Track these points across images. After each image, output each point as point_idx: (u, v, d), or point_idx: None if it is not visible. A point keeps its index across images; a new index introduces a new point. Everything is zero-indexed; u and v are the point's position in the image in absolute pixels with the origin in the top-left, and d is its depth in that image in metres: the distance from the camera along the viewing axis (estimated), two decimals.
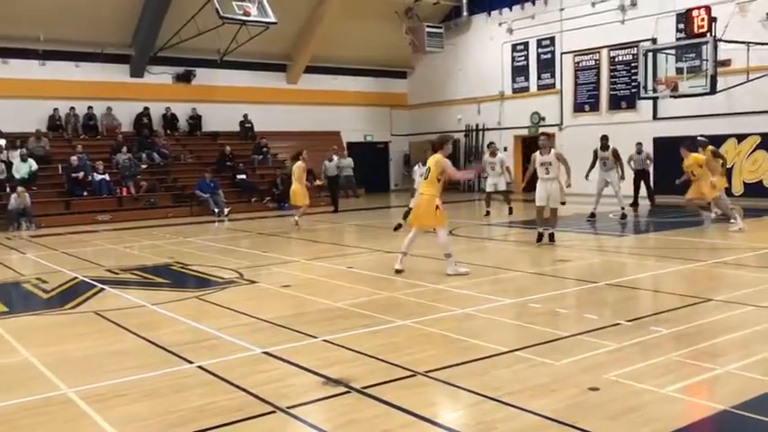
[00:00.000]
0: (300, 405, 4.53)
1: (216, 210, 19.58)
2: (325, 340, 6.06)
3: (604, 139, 15.37)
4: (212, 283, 9.17)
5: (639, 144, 18.24)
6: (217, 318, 7.14)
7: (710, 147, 13.66)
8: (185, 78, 23.86)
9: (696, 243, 11.90)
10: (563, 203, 11.95)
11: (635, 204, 17.84)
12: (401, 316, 6.82)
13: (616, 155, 15.09)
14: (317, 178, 18.99)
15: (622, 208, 14.98)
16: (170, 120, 23.65)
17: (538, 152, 11.75)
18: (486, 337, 6.02)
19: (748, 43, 16.13)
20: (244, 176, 21.99)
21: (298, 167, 16.06)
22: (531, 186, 12.33)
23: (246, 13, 20.63)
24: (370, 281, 8.96)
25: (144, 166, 21.30)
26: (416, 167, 15.53)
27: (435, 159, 9.08)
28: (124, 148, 20.82)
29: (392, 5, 25.28)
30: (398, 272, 9.17)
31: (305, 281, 9.13)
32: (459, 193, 24.86)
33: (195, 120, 24.07)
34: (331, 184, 20.79)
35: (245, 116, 24.56)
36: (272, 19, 21.22)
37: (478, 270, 9.49)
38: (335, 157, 22.44)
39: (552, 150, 11.71)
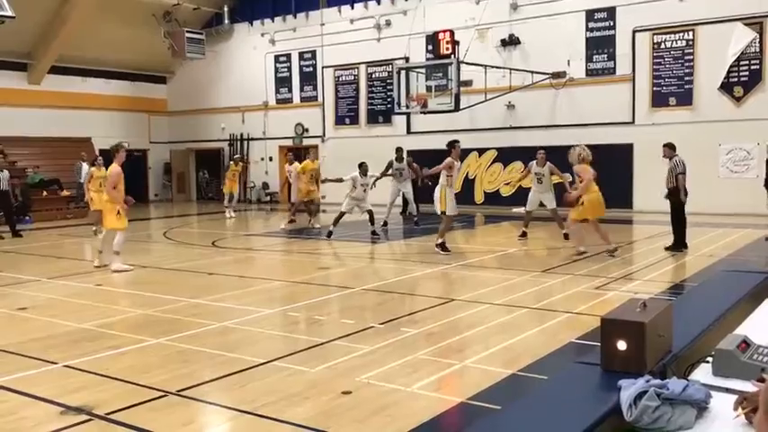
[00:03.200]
0: None
1: None
2: (66, 366, 5.54)
3: (399, 150, 16.15)
4: None
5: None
6: None
7: None
8: None
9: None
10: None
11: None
12: (154, 334, 6.47)
13: (412, 166, 15.88)
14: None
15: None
16: None
17: (534, 162, 12.99)
18: (243, 350, 5.94)
19: (486, 66, 17.87)
20: None
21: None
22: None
23: None
24: (121, 299, 8.40)
25: None
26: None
27: (110, 170, 10.47)
28: None
29: (149, 8, 24.09)
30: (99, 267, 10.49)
31: (45, 302, 8.28)
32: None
33: None
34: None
35: None
36: (9, 12, 19.06)
37: (240, 281, 9.37)
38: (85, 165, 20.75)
39: (547, 164, 12.85)
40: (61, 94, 23.98)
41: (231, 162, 19.73)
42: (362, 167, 13.91)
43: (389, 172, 15.89)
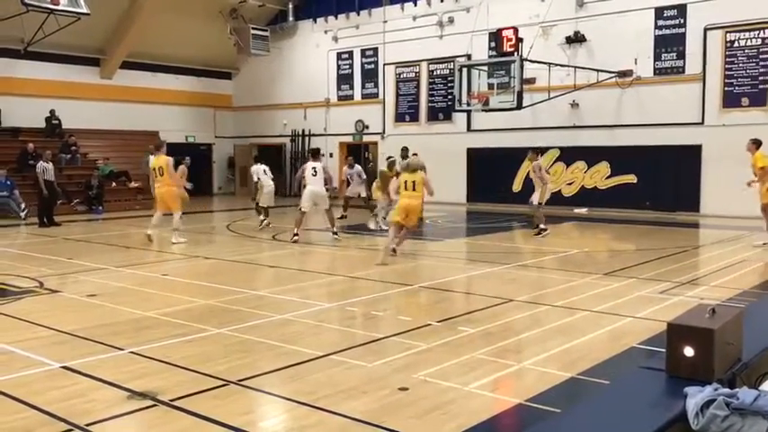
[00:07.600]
0: (101, 421, 4.24)
1: (21, 213, 17.85)
2: (132, 352, 5.73)
3: (404, 150, 16.08)
4: (6, 294, 8.34)
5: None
6: (9, 331, 6.50)
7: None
8: None
9: (503, 247, 12.76)
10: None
11: None
12: (216, 324, 6.62)
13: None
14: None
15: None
16: None
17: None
18: (302, 342, 6.02)
19: (550, 64, 17.60)
20: None
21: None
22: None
23: (55, 2, 19.08)
24: (185, 288, 8.62)
25: None
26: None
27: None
28: None
29: (216, 5, 24.65)
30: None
31: (114, 289, 8.57)
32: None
33: None
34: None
35: (52, 112, 22.68)
36: (85, 10, 19.81)
37: (300, 275, 9.50)
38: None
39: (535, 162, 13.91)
40: (131, 89, 24.75)
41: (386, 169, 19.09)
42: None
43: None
